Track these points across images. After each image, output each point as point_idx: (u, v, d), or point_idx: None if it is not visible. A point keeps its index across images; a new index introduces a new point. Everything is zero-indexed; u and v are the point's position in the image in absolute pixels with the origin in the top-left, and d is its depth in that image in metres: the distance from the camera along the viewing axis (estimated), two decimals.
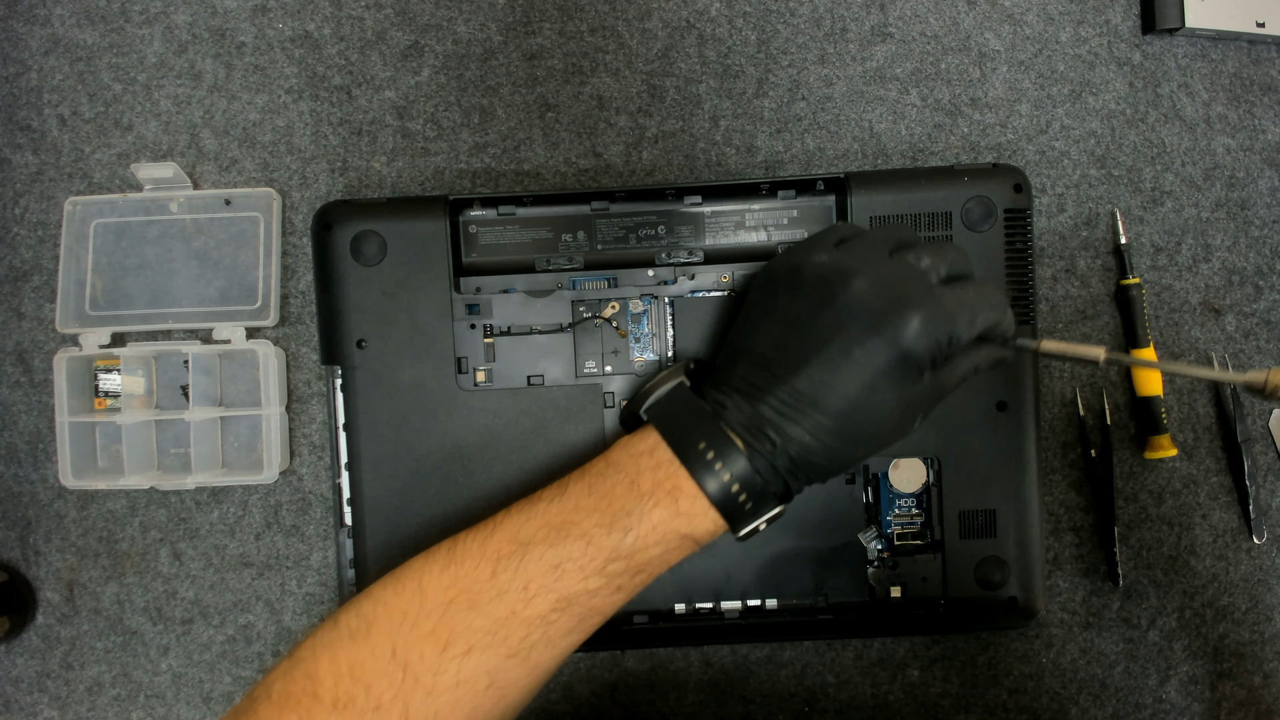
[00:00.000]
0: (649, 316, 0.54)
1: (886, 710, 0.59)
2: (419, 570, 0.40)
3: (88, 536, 0.59)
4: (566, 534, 0.40)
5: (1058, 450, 0.59)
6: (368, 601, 0.40)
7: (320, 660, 0.38)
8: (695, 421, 0.40)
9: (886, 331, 0.38)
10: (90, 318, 0.59)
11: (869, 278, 0.39)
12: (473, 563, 0.40)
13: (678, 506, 0.39)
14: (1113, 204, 0.59)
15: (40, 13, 0.60)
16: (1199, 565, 0.59)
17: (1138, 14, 0.60)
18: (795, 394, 0.39)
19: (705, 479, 0.39)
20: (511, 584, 0.39)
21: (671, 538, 0.40)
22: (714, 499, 0.39)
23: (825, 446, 0.39)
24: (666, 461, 0.40)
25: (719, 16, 0.60)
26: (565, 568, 0.39)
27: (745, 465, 0.39)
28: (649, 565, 0.40)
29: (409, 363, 0.53)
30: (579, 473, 0.42)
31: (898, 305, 0.38)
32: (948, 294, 0.40)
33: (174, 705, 0.60)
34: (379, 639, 0.38)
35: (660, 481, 0.40)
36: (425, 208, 0.53)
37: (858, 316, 0.39)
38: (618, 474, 0.41)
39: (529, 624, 0.39)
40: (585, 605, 0.40)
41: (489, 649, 0.38)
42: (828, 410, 0.39)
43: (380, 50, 0.60)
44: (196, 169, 0.60)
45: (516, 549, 0.40)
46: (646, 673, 0.59)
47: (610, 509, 0.40)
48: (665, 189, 0.53)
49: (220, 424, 0.60)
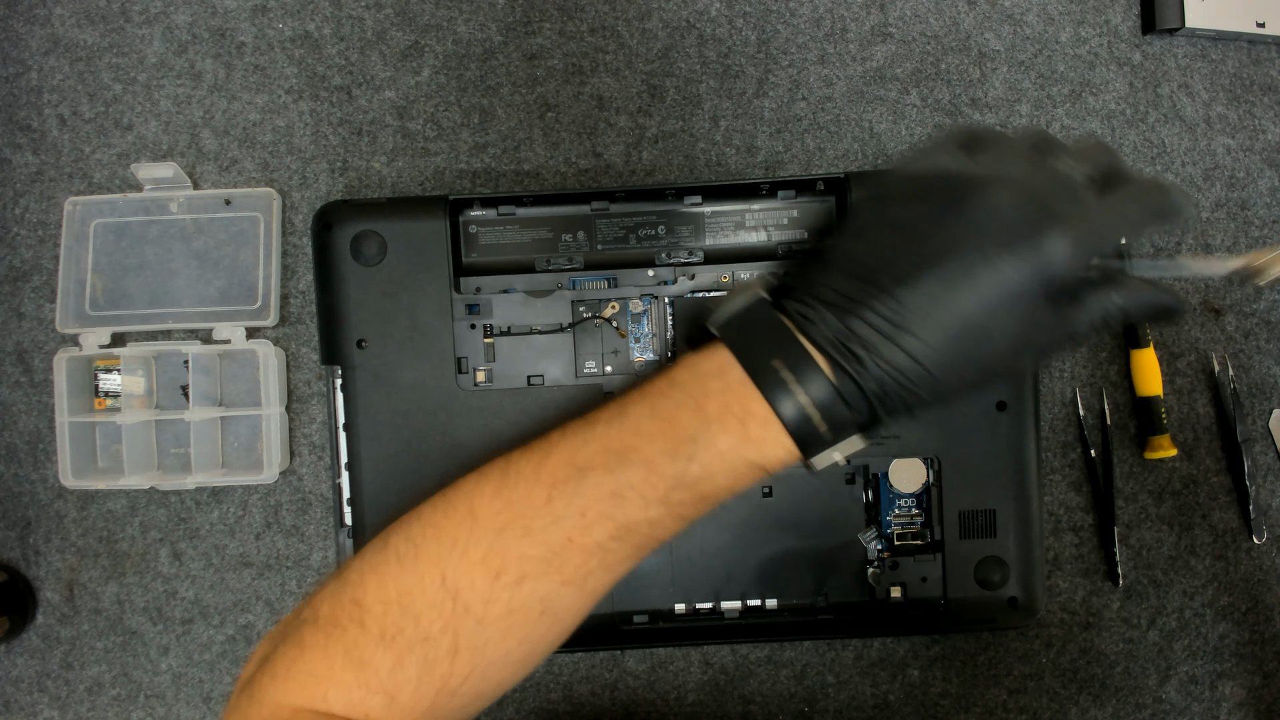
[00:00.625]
0: (649, 316, 0.54)
1: (886, 710, 0.59)
2: (470, 492, 0.38)
3: (88, 536, 0.59)
4: (627, 460, 0.36)
5: (1058, 450, 0.59)
6: (417, 524, 0.38)
7: (368, 585, 0.37)
8: (772, 337, 0.36)
9: (1024, 247, 0.33)
10: (90, 318, 0.59)
11: (1007, 186, 0.34)
12: (526, 486, 0.37)
13: (747, 432, 0.36)
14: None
15: (40, 13, 0.60)
16: (1199, 565, 0.59)
17: (1138, 14, 0.60)
18: (899, 308, 0.34)
19: (780, 401, 0.35)
20: (568, 510, 0.36)
21: (740, 466, 0.36)
22: (788, 423, 0.35)
23: (924, 373, 0.34)
24: (737, 382, 0.36)
25: (719, 16, 0.60)
26: (626, 495, 0.36)
27: (826, 386, 0.35)
28: (715, 494, 0.37)
29: (409, 363, 0.53)
30: (639, 392, 0.38)
31: (1041, 218, 0.33)
32: (1100, 205, 0.35)
33: (174, 705, 0.60)
34: (428, 565, 0.37)
35: (729, 404, 0.36)
36: (425, 208, 0.53)
37: (990, 229, 0.34)
38: (683, 395, 0.37)
39: (586, 551, 0.36)
40: (645, 534, 0.37)
41: (543, 577, 0.36)
42: (935, 329, 0.34)
43: (380, 50, 0.60)
44: (196, 169, 0.60)
45: (573, 473, 0.37)
46: (646, 672, 0.59)
47: (674, 434, 0.36)
48: (665, 189, 0.53)
49: (220, 424, 0.60)
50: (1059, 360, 0.59)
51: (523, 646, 0.38)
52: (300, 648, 0.36)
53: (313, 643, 0.36)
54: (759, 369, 0.36)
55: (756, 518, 0.53)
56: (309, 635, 0.36)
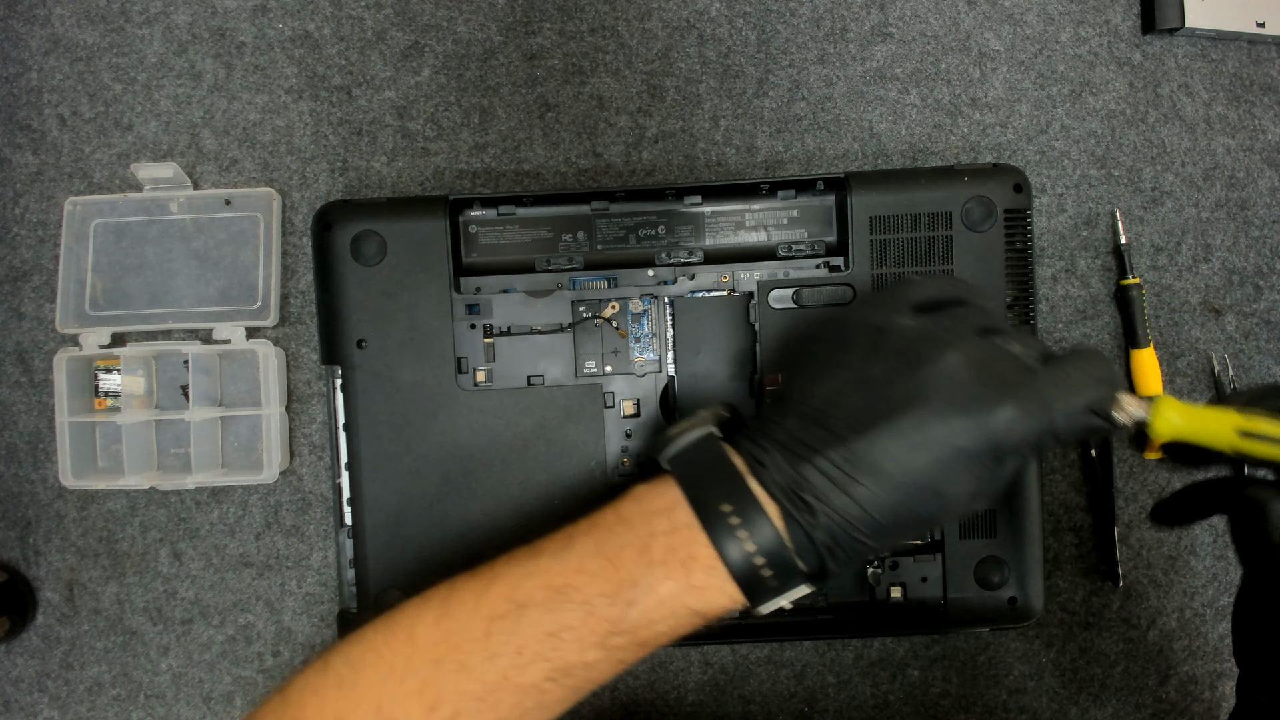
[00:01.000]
0: (649, 316, 0.54)
1: (886, 710, 0.59)
2: (412, 618, 0.38)
3: (88, 536, 0.59)
4: (566, 598, 0.36)
5: (1058, 450, 0.59)
6: (358, 646, 0.38)
7: (308, 706, 0.37)
8: (722, 477, 0.36)
9: (977, 413, 0.34)
10: (90, 318, 0.59)
11: (963, 353, 0.36)
12: (466, 617, 0.37)
13: (690, 579, 0.36)
14: (1113, 204, 0.59)
15: (40, 13, 0.60)
16: (1199, 565, 0.59)
17: (1138, 14, 0.60)
18: (851, 457, 0.35)
19: (727, 547, 0.35)
20: (505, 648, 0.36)
21: (681, 613, 0.36)
22: (734, 571, 0.35)
23: (874, 524, 0.35)
24: (684, 524, 0.36)
25: (719, 16, 0.60)
26: (563, 636, 0.36)
27: (774, 536, 0.35)
28: (654, 640, 0.37)
29: (409, 363, 0.53)
30: (587, 523, 0.38)
31: (994, 389, 0.35)
32: (1047, 380, 0.36)
33: (174, 705, 0.60)
34: (365, 692, 0.36)
35: (674, 548, 0.36)
36: (425, 208, 0.53)
37: (946, 391, 0.35)
38: (628, 533, 0.37)
39: (521, 691, 0.36)
40: (582, 677, 0.37)
41: (477, 715, 0.36)
42: (887, 482, 0.34)
43: (380, 50, 0.60)
44: (196, 169, 0.60)
45: (513, 609, 0.36)
46: (646, 673, 0.59)
47: (616, 576, 0.36)
48: (665, 189, 0.53)
49: (220, 424, 0.60)
50: None
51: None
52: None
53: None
54: (707, 512, 0.36)
55: None
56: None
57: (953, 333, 0.37)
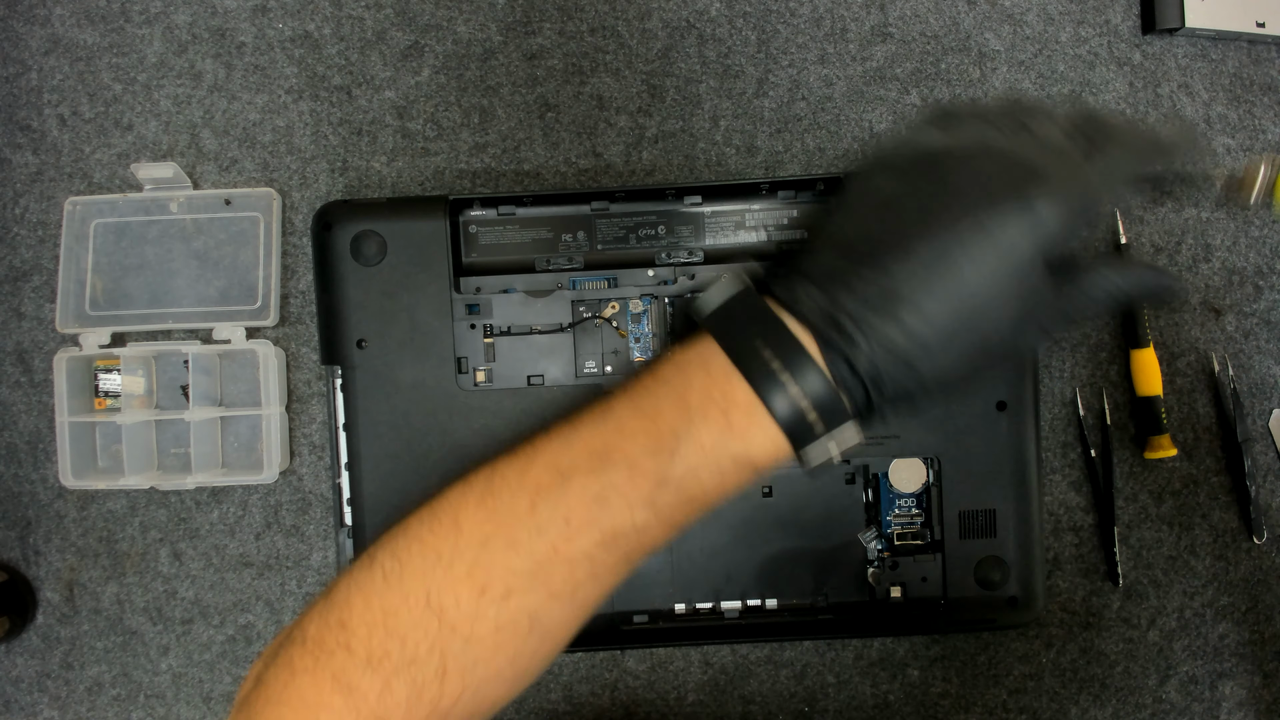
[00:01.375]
0: (649, 316, 0.54)
1: (886, 710, 0.59)
2: (455, 503, 0.37)
3: (88, 536, 0.59)
4: (609, 460, 0.35)
5: (1058, 450, 0.59)
6: (403, 538, 0.37)
7: (354, 605, 0.36)
8: (756, 320, 0.34)
9: (1012, 207, 0.32)
10: (90, 318, 0.59)
11: (989, 154, 0.33)
12: (510, 494, 0.36)
13: (730, 422, 0.34)
14: (1112, 204, 0.59)
15: (40, 13, 0.60)
16: (1199, 565, 0.59)
17: (1138, 14, 0.60)
18: (890, 281, 0.32)
19: (764, 387, 0.33)
20: (552, 518, 0.35)
21: (725, 461, 0.34)
22: (775, 411, 0.33)
23: (922, 350, 0.32)
24: (720, 371, 0.34)
25: (719, 16, 0.60)
26: (609, 499, 0.34)
27: (814, 370, 0.33)
28: (701, 495, 0.35)
29: (409, 363, 0.53)
30: (624, 390, 0.36)
31: (1026, 178, 0.32)
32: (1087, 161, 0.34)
33: (174, 705, 0.60)
34: (412, 582, 0.36)
35: (711, 394, 0.34)
36: (425, 208, 0.53)
37: (976, 194, 0.32)
38: (665, 389, 0.35)
39: (572, 562, 0.35)
40: (632, 541, 0.35)
41: (530, 591, 0.35)
42: (930, 299, 0.32)
43: (380, 50, 0.60)
44: (196, 169, 0.60)
45: (557, 479, 0.35)
46: (646, 672, 0.59)
47: (656, 430, 0.34)
48: (665, 189, 0.53)
49: (220, 424, 0.60)
50: (1058, 358, 0.59)
51: (514, 665, 0.37)
52: (290, 671, 0.36)
53: (302, 666, 0.35)
54: (742, 354, 0.34)
55: (756, 518, 0.53)
56: (298, 658, 0.36)
57: (975, 135, 0.35)
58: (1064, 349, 0.59)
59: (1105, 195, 0.33)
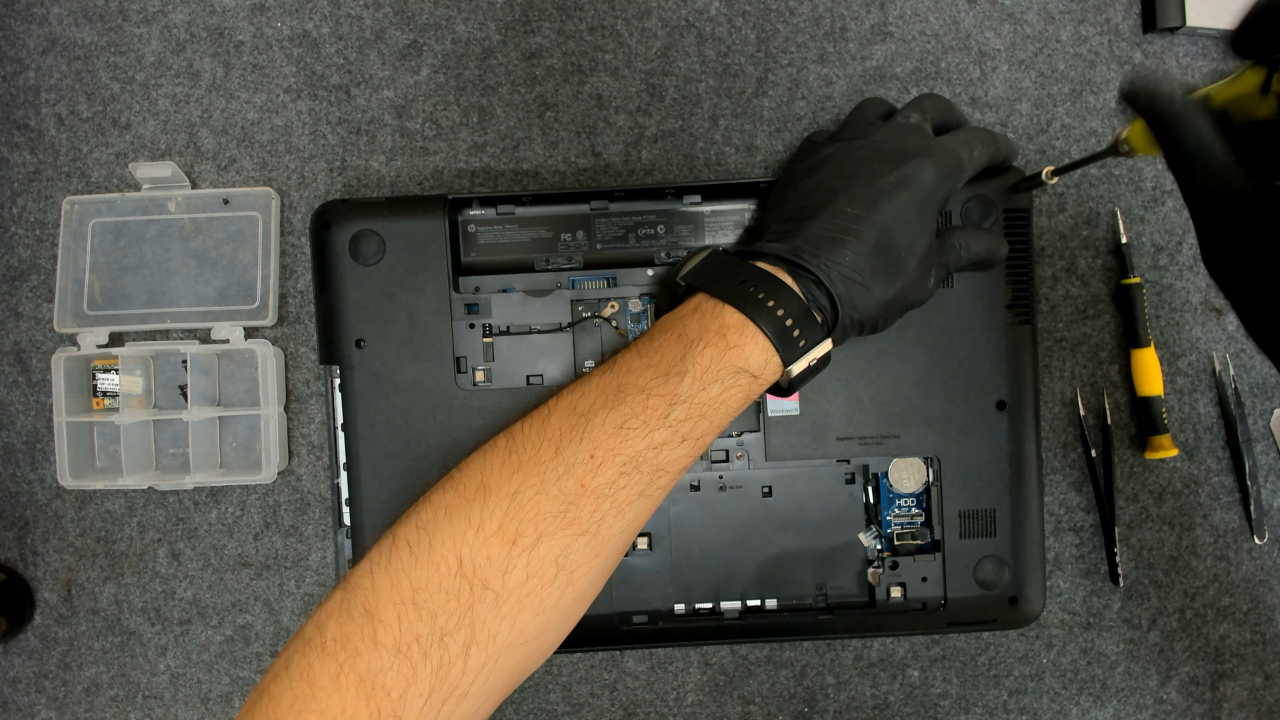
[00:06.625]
0: (648, 316, 0.54)
1: (886, 710, 0.59)
2: (479, 467, 0.39)
3: (86, 537, 0.59)
4: (624, 393, 0.39)
5: (1058, 450, 0.59)
6: (427, 509, 0.38)
7: (380, 589, 0.36)
8: (735, 270, 0.42)
9: (904, 169, 0.43)
10: (88, 317, 0.59)
11: (873, 138, 0.46)
12: (534, 447, 0.39)
13: (726, 341, 0.40)
14: (1113, 203, 0.59)
15: (38, 11, 0.60)
16: (1200, 565, 0.59)
17: (1139, 13, 0.60)
18: (830, 228, 0.42)
19: (752, 309, 0.40)
20: (577, 456, 0.38)
21: (726, 374, 0.40)
22: (761, 325, 0.40)
23: (868, 267, 0.42)
24: (711, 308, 0.41)
25: (719, 16, 0.60)
26: (629, 425, 0.39)
27: (789, 290, 0.41)
28: (711, 408, 0.40)
29: (408, 362, 0.53)
30: (624, 348, 0.43)
31: (905, 148, 0.44)
32: (946, 139, 0.46)
33: (172, 706, 0.59)
34: (443, 550, 0.36)
35: (706, 324, 0.41)
36: (424, 207, 0.53)
37: (876, 164, 0.44)
38: (663, 334, 0.42)
39: (597, 495, 0.38)
40: (652, 463, 0.39)
41: (559, 532, 0.37)
42: (865, 231, 0.42)
43: (379, 49, 0.60)
44: (195, 168, 0.60)
45: (578, 421, 0.39)
46: (646, 673, 0.59)
47: (662, 362, 0.40)
48: (665, 188, 0.53)
49: (218, 424, 0.59)
50: (1058, 358, 0.59)
51: (537, 619, 0.37)
52: (310, 685, 0.34)
53: (323, 675, 0.34)
54: (728, 291, 0.41)
55: (756, 518, 0.53)
56: (318, 666, 0.34)
57: (860, 134, 0.47)
58: (1064, 349, 0.59)
59: (964, 158, 0.45)
